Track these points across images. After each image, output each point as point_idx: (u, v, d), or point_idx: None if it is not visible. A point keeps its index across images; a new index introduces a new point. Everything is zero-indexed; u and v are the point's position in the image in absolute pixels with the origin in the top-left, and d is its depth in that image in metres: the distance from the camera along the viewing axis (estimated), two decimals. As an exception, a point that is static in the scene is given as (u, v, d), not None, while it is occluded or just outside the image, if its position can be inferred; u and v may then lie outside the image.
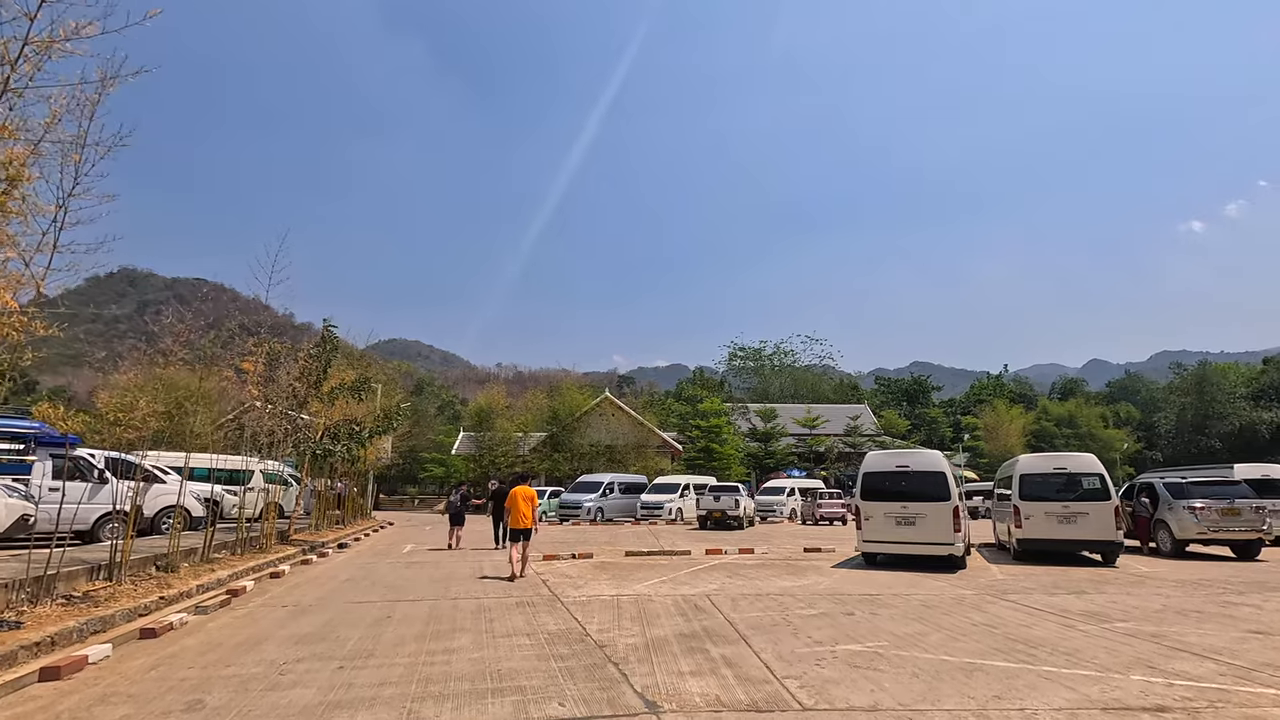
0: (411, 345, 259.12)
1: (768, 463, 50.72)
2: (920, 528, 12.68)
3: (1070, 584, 10.92)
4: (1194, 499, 15.13)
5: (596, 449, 41.64)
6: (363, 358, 24.64)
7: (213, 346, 12.32)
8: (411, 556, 15.71)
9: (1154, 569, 13.05)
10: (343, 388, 17.76)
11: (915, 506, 12.78)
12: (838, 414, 61.66)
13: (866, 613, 8.36)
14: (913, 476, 13.07)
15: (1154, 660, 6.06)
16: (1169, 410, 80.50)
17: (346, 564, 14.09)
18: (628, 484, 33.18)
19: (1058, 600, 9.31)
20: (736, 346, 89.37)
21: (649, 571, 12.52)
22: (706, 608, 8.69)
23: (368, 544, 19.19)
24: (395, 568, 13.38)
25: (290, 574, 12.30)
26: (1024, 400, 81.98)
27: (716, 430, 44.92)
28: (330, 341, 17.48)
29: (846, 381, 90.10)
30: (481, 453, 43.89)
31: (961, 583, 11.07)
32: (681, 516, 30.63)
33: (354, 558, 15.40)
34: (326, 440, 16.58)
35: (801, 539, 20.60)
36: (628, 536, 21.50)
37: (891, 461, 13.57)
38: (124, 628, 7.37)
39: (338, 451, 16.33)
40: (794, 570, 12.68)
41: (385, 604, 9.05)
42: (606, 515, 30.80)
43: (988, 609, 8.63)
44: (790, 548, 17.38)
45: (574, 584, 10.94)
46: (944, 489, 12.73)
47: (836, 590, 10.18)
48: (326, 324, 17.66)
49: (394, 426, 17.73)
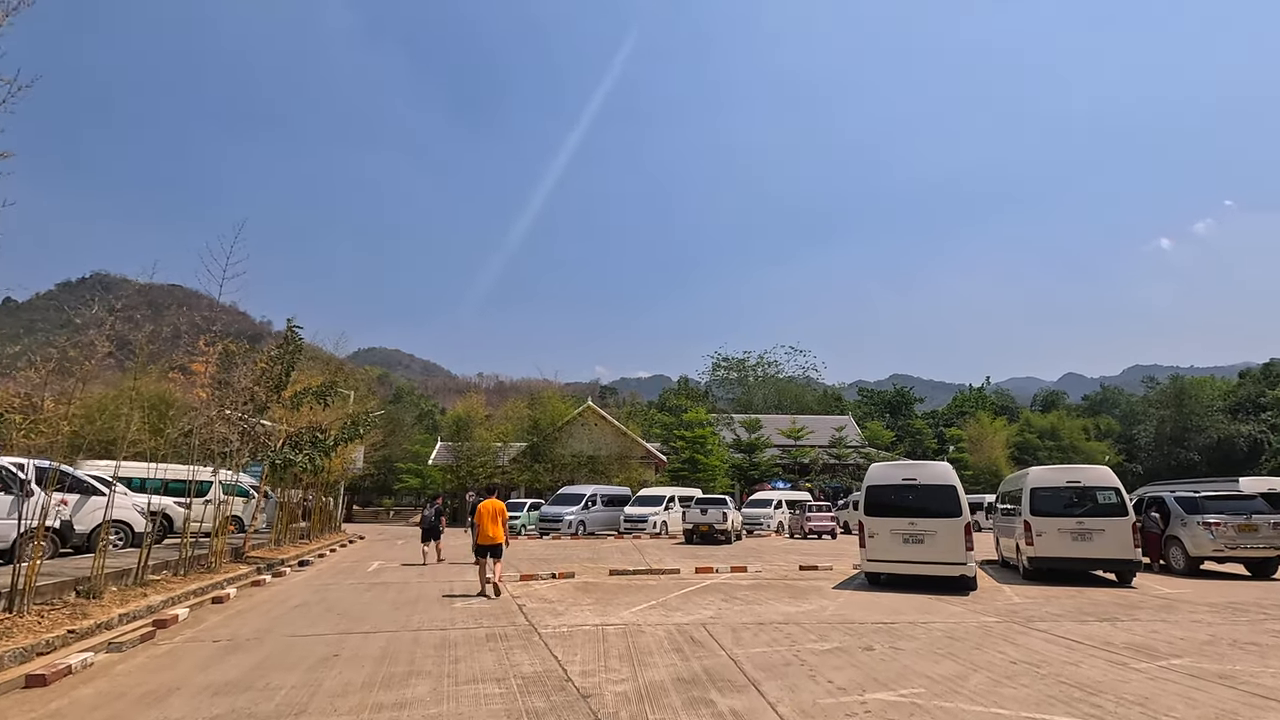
0: (392, 354, 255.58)
1: (752, 474, 49.80)
2: (930, 546, 11.73)
3: (1097, 609, 10.01)
4: (1208, 514, 14.38)
5: (578, 460, 40.38)
6: (330, 362, 23.32)
7: (150, 343, 11.05)
8: (377, 575, 14.46)
9: (1176, 590, 12.20)
10: (307, 393, 16.50)
11: (924, 523, 11.83)
12: (822, 425, 61.03)
13: (886, 646, 7.35)
14: (921, 490, 12.13)
15: (1242, 713, 5.12)
16: (1148, 423, 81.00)
17: (303, 585, 12.82)
18: (610, 496, 32.01)
19: (1093, 630, 8.38)
20: (720, 357, 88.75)
21: (636, 594, 11.42)
22: (705, 641, 7.62)
23: (332, 561, 17.85)
24: (356, 590, 12.14)
25: (236, 598, 11.03)
26: (1006, 412, 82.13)
27: (701, 441, 43.90)
28: (293, 342, 16.23)
29: (830, 393, 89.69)
30: (459, 463, 42.39)
31: (978, 607, 10.12)
32: (666, 530, 29.55)
33: (313, 577, 14.11)
34: (287, 449, 15.29)
35: (794, 555, 19.60)
36: (611, 552, 20.37)
37: (898, 474, 12.63)
38: (9, 673, 6.14)
39: (299, 461, 15.05)
40: (794, 592, 11.66)
41: (335, 637, 7.86)
42: (588, 529, 29.60)
43: (1020, 641, 7.67)
44: (784, 565, 16.36)
45: (553, 610, 9.81)
46: (955, 504, 11.80)
47: (846, 617, 9.17)
48: (290, 324, 16.42)
49: (362, 434, 16.47)
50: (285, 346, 16.11)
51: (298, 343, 16.33)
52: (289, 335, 16.29)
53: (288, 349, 16.04)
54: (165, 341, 13.42)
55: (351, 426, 16.11)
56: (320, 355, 21.87)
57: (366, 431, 16.77)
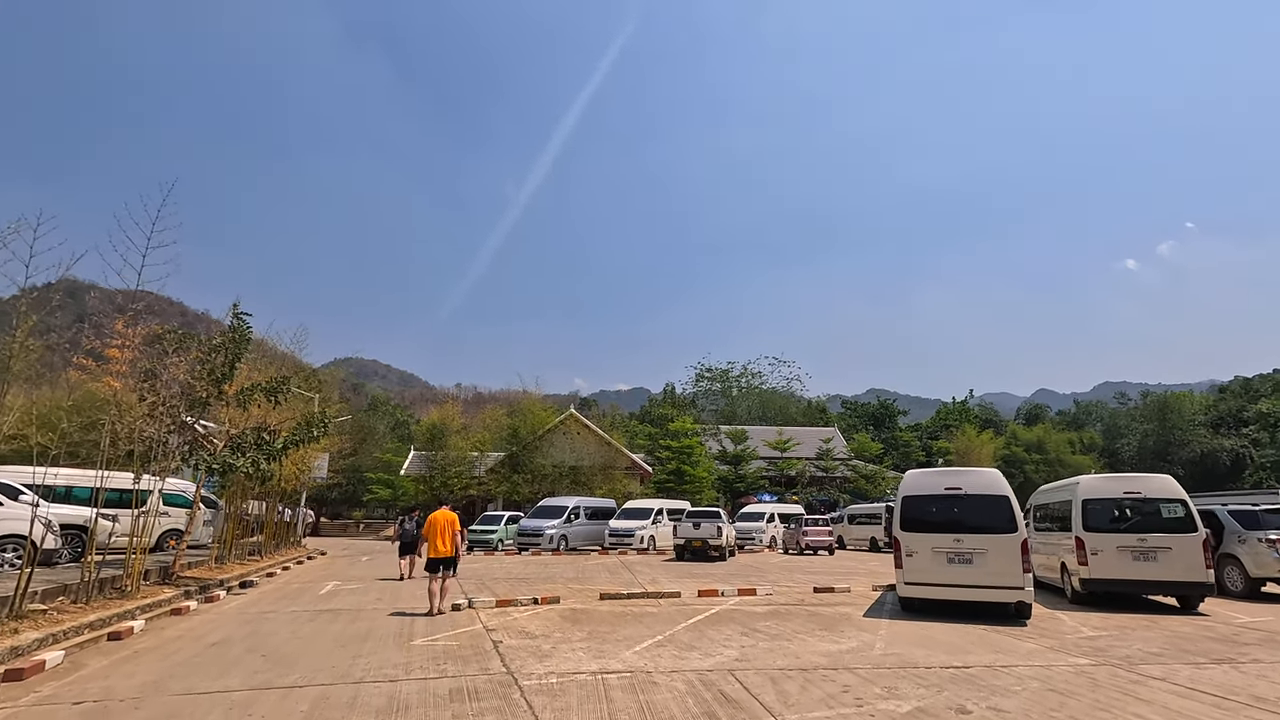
0: (369, 364, 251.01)
1: (738, 486, 48.04)
2: (980, 567, 10.00)
3: (1193, 645, 8.33)
4: (1269, 530, 12.87)
5: (560, 470, 38.22)
6: (286, 360, 21.12)
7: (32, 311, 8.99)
8: (329, 599, 12.36)
9: (1254, 617, 10.60)
10: (255, 389, 14.39)
11: (972, 540, 10.10)
12: (809, 437, 59.63)
13: (984, 707, 5.55)
14: (968, 502, 10.42)
15: None
16: (1130, 437, 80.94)
17: (234, 614, 10.70)
18: (594, 509, 29.96)
19: (1218, 677, 6.67)
20: (704, 367, 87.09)
21: (636, 625, 9.52)
22: (742, 700, 5.76)
23: (280, 581, 15.66)
24: (296, 620, 10.08)
25: (141, 634, 8.91)
26: (990, 425, 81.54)
27: (688, 451, 42.05)
28: (239, 332, 14.16)
29: (815, 405, 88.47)
30: (433, 473, 39.98)
31: (1051, 642, 8.39)
32: (654, 545, 27.59)
33: (251, 603, 11.98)
34: (227, 452, 13.17)
35: (799, 573, 17.80)
36: (598, 571, 18.39)
37: (939, 482, 10.89)
38: None
39: (240, 465, 12.94)
40: (823, 623, 9.84)
41: (244, 696, 5.87)
42: (570, 543, 27.51)
43: (1147, 696, 5.92)
44: (795, 586, 14.55)
45: (537, 650, 7.87)
46: (1008, 517, 10.10)
47: (904, 659, 7.36)
48: (235, 308, 14.37)
49: (317, 436, 14.39)
50: (229, 335, 14.04)
51: (244, 331, 14.27)
52: (234, 323, 14.23)
53: (232, 337, 13.97)
54: (70, 328, 11.30)
55: (305, 428, 14.01)
56: (273, 352, 19.69)
57: (323, 434, 14.66)
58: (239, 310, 14.39)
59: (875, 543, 32.39)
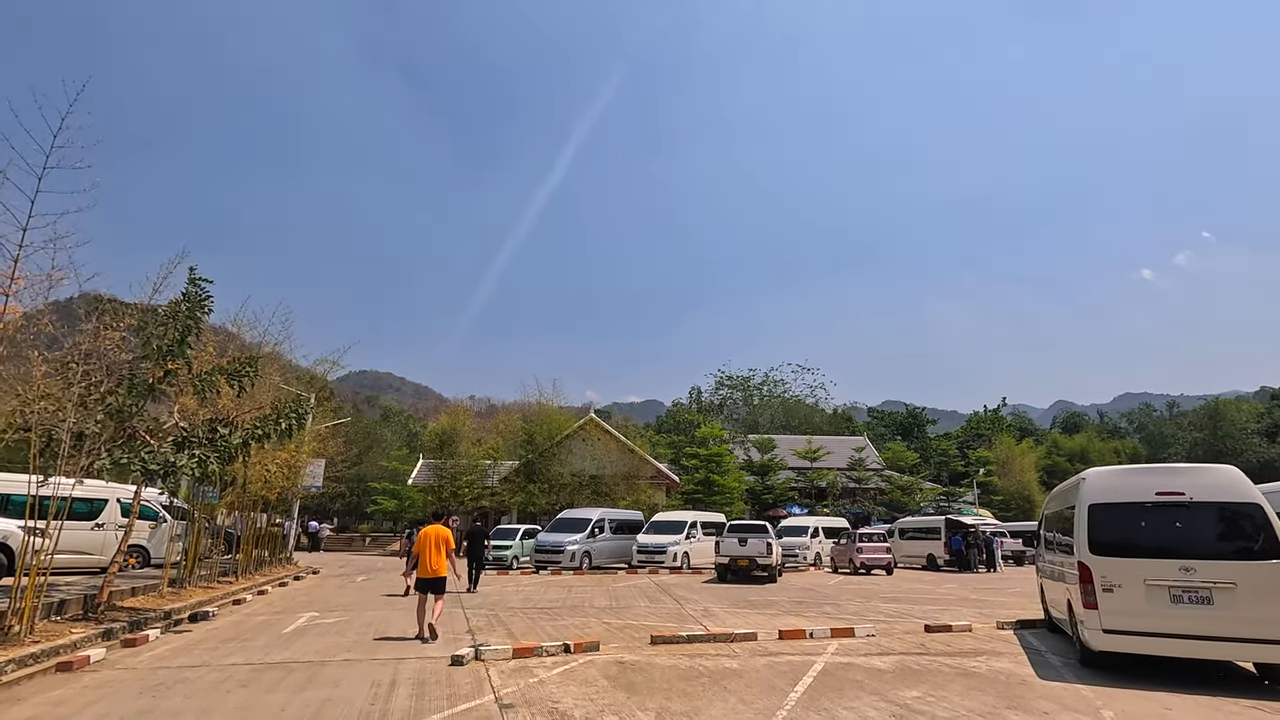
0: (384, 377, 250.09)
1: (766, 498, 44.63)
2: (1225, 609, 6.78)
3: None
4: None
5: (579, 479, 35.04)
6: (273, 356, 18.21)
7: None
8: (289, 644, 9.30)
9: None
10: (215, 372, 11.48)
11: (1210, 569, 6.90)
12: (839, 446, 55.99)
13: None
14: (1197, 513, 7.22)
15: None
16: (1178, 446, 76.51)
17: (141, 673, 7.62)
18: (620, 522, 26.79)
19: None
20: (723, 375, 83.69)
21: (721, 695, 6.40)
22: None
23: (245, 612, 12.66)
24: (222, 685, 7.02)
25: (-20, 710, 5.92)
26: (1027, 434, 77.51)
27: (718, 459, 38.77)
28: (194, 300, 11.29)
29: (840, 413, 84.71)
30: (442, 483, 36.96)
31: None
32: (688, 563, 24.41)
33: (180, 650, 8.92)
34: (169, 449, 10.23)
35: (878, 601, 14.58)
36: (633, 596, 15.25)
37: (1147, 485, 7.63)
38: None
39: (184, 466, 10.00)
40: (998, 694, 6.66)
41: None
42: (595, 561, 24.39)
43: None
44: (893, 623, 11.33)
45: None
46: (1267, 535, 6.90)
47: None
48: (192, 273, 11.51)
49: (288, 430, 11.44)
50: (186, 303, 11.17)
51: (202, 299, 11.39)
52: (189, 289, 11.37)
53: (183, 306, 11.09)
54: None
55: (272, 420, 11.04)
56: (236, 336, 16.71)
57: (298, 427, 11.70)
58: (196, 274, 11.53)
59: (934, 560, 28.96)
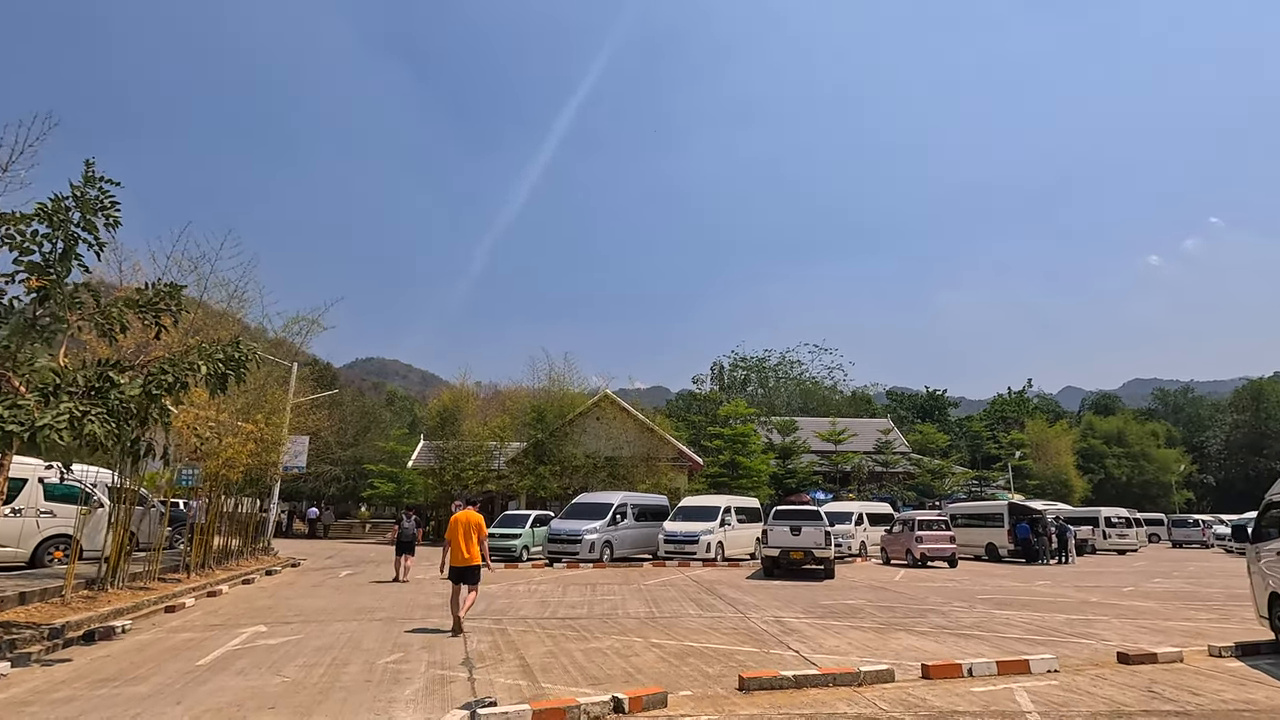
0: (390, 364, 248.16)
1: (789, 482, 41.53)
2: None
3: None
4: None
5: (594, 461, 32.00)
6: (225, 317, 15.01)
7: None
8: (197, 683, 6.18)
9: None
10: (118, 303, 8.34)
11: None
12: (864, 429, 52.65)
13: None
14: None
15: None
16: (1217, 429, 73.00)
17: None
18: (643, 507, 23.70)
19: None
20: (737, 357, 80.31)
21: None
22: None
23: (173, 625, 9.56)
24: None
25: None
26: (1057, 417, 74.06)
27: (744, 439, 35.69)
28: (85, 200, 8.14)
29: (860, 395, 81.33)
30: (444, 465, 33.94)
31: None
32: (723, 553, 21.29)
33: (31, 695, 5.87)
34: (32, 401, 7.12)
35: (983, 603, 11.41)
36: (674, 598, 12.14)
37: None
38: None
39: (50, 425, 6.88)
40: None
41: None
42: (616, 552, 21.33)
43: None
44: (1033, 637, 8.15)
45: None
46: None
47: None
48: (88, 166, 8.34)
49: (220, 380, 8.28)
50: (63, 200, 8.02)
51: (95, 201, 8.23)
52: (81, 184, 8.20)
53: (63, 203, 7.95)
54: None
55: (182, 363, 7.82)
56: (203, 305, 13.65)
57: (233, 377, 8.53)
58: (92, 167, 8.37)
59: (994, 550, 25.81)
